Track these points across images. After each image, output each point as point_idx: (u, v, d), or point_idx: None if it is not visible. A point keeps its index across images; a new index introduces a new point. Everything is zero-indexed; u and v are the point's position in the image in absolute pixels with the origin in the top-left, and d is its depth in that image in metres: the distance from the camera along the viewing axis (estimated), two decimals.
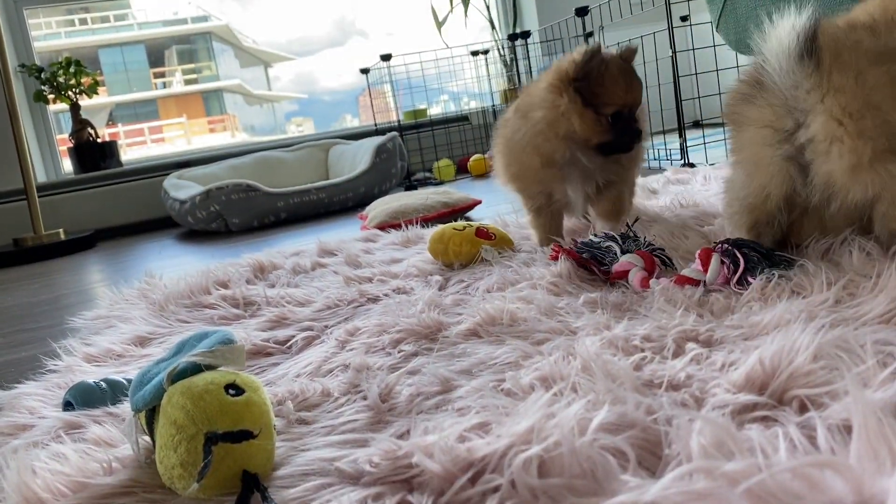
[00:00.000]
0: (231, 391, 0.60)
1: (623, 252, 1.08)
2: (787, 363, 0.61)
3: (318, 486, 0.56)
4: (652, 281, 0.99)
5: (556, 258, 1.16)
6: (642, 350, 0.75)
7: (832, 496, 0.42)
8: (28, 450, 0.72)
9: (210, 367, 0.63)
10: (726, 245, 0.97)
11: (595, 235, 1.17)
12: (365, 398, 0.74)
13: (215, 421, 0.57)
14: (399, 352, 0.89)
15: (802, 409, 0.57)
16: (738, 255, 0.94)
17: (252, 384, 0.62)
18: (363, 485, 0.55)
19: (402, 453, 0.56)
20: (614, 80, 1.25)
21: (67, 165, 3.87)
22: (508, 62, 4.06)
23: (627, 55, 1.31)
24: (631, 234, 1.13)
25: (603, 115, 1.24)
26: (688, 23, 2.55)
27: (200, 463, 0.55)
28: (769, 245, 1.00)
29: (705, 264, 0.96)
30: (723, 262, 0.95)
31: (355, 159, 3.30)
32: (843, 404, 0.53)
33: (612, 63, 1.27)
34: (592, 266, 1.09)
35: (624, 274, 1.04)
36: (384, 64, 3.53)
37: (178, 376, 0.61)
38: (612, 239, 1.11)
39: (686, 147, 2.51)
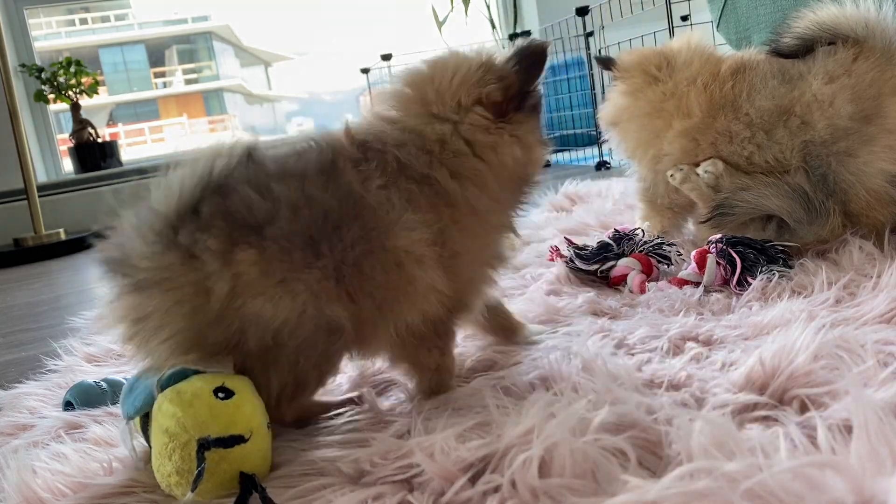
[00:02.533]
0: (220, 394, 0.59)
1: (620, 255, 1.07)
2: (787, 363, 0.61)
3: (319, 486, 0.56)
4: (650, 285, 0.99)
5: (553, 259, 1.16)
6: (642, 350, 0.75)
7: (833, 496, 0.42)
8: (28, 450, 0.72)
9: (198, 371, 0.62)
10: (720, 245, 0.96)
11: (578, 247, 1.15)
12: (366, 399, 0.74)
13: (206, 426, 0.56)
14: None
15: (803, 408, 0.57)
16: (734, 255, 0.94)
17: (241, 384, 0.61)
18: (363, 485, 0.55)
19: (402, 453, 0.56)
20: None
21: (68, 165, 3.87)
22: None
23: None
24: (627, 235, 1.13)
25: None
26: (688, 22, 2.55)
27: (195, 469, 0.55)
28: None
29: (701, 266, 0.96)
30: (718, 264, 0.95)
31: None
32: (844, 404, 0.53)
33: None
34: (587, 271, 1.08)
35: (622, 278, 1.04)
36: (385, 63, 3.53)
37: (166, 382, 0.61)
38: (607, 245, 1.10)
39: None
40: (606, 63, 1.25)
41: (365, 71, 3.67)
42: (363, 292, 0.65)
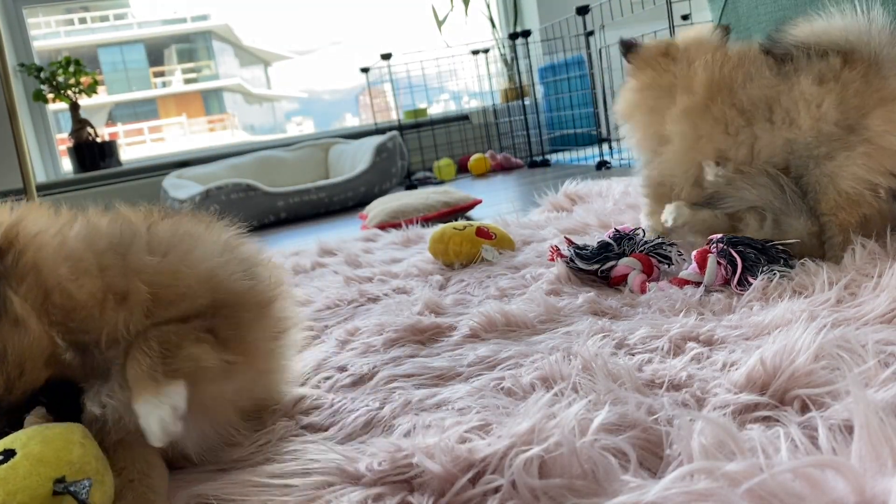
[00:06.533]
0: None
1: (621, 254, 1.07)
2: (788, 363, 0.61)
3: (318, 486, 0.56)
4: (650, 285, 0.99)
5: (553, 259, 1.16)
6: (643, 350, 0.75)
7: (834, 496, 0.42)
8: None
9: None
10: (721, 245, 0.96)
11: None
12: (365, 398, 0.74)
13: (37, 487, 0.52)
14: (398, 350, 0.89)
15: (804, 409, 0.57)
16: (735, 255, 0.94)
17: (22, 440, 0.55)
18: (364, 485, 0.55)
19: (402, 454, 0.56)
20: None
21: (67, 165, 3.87)
22: (509, 61, 4.06)
23: None
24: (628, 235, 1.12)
25: None
26: (689, 21, 2.55)
27: None
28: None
29: (702, 266, 0.96)
30: (719, 263, 0.95)
31: (355, 159, 3.30)
32: (845, 404, 0.53)
33: None
34: (587, 271, 1.08)
35: (623, 278, 1.03)
36: (384, 63, 3.52)
37: None
38: (607, 244, 1.10)
39: None
40: (629, 46, 1.25)
41: (365, 70, 3.66)
42: None
